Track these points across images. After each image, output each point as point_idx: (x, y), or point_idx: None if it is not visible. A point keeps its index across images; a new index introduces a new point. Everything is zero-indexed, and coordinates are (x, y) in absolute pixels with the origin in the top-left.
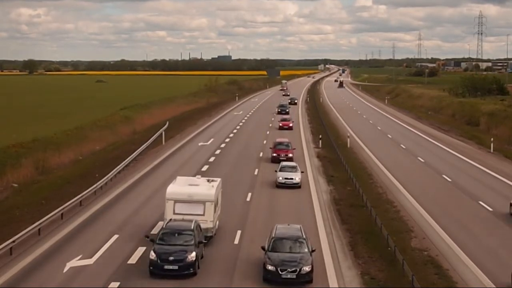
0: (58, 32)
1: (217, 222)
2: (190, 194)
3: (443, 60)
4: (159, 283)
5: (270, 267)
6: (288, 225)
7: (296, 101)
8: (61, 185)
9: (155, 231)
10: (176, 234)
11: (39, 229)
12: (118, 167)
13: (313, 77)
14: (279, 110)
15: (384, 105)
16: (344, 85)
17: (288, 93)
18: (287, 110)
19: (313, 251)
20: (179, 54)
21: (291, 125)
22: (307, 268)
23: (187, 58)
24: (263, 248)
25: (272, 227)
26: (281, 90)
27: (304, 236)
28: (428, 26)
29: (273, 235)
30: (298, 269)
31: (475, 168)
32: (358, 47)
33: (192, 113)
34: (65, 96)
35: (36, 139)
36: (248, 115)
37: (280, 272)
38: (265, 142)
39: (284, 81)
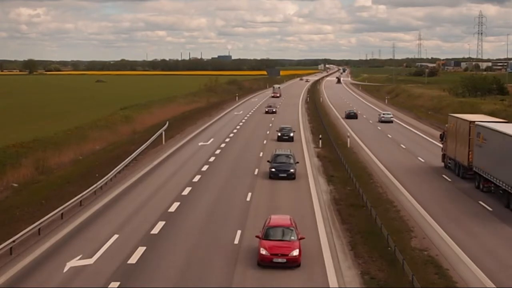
0: (57, 32)
1: None
2: None
3: (443, 60)
4: (159, 284)
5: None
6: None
7: (292, 133)
8: (61, 185)
9: (155, 230)
10: None
11: (39, 229)
12: (118, 167)
13: (307, 80)
14: (272, 170)
15: (384, 105)
16: (341, 81)
17: (274, 109)
18: (291, 171)
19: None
20: (179, 54)
21: (296, 244)
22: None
23: (187, 58)
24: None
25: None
26: (272, 96)
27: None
28: (428, 26)
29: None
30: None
31: None
32: (358, 47)
33: (192, 113)
34: (65, 95)
35: (36, 138)
36: (248, 115)
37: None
38: (265, 142)
39: (276, 86)
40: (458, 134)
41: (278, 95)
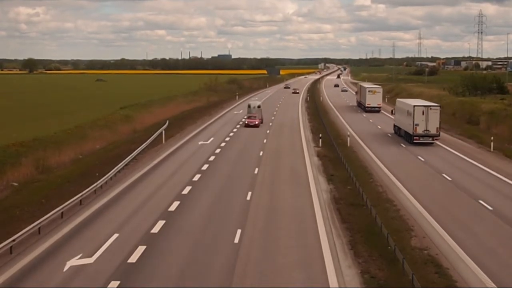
0: (57, 31)
1: None
2: None
3: (443, 59)
4: (159, 283)
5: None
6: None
7: None
8: (61, 184)
9: (155, 230)
10: None
11: (39, 228)
12: (118, 166)
13: (295, 91)
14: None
15: (384, 104)
16: (341, 77)
17: None
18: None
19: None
20: (179, 53)
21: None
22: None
23: (187, 57)
24: None
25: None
26: (247, 125)
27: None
28: (427, 25)
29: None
30: None
31: (475, 167)
32: (357, 46)
33: (192, 112)
34: (65, 95)
35: (36, 138)
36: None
37: None
38: (265, 141)
39: (254, 103)
40: (358, 90)
41: (256, 122)
